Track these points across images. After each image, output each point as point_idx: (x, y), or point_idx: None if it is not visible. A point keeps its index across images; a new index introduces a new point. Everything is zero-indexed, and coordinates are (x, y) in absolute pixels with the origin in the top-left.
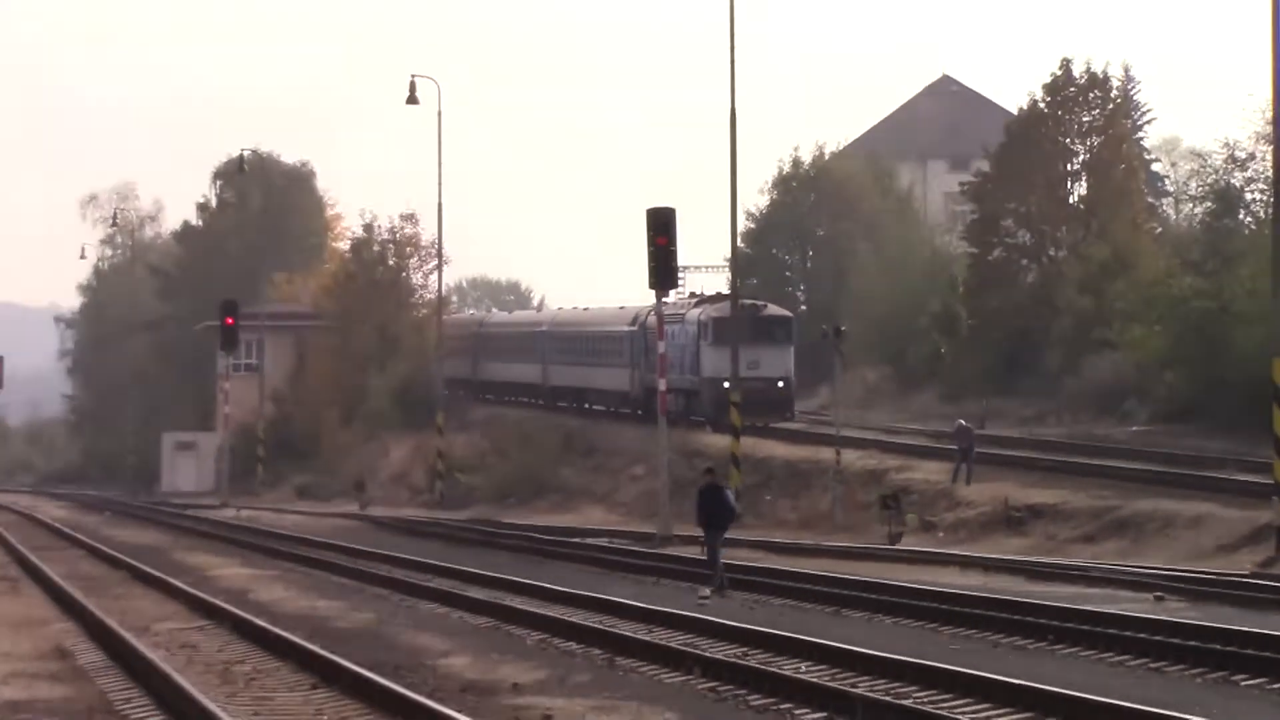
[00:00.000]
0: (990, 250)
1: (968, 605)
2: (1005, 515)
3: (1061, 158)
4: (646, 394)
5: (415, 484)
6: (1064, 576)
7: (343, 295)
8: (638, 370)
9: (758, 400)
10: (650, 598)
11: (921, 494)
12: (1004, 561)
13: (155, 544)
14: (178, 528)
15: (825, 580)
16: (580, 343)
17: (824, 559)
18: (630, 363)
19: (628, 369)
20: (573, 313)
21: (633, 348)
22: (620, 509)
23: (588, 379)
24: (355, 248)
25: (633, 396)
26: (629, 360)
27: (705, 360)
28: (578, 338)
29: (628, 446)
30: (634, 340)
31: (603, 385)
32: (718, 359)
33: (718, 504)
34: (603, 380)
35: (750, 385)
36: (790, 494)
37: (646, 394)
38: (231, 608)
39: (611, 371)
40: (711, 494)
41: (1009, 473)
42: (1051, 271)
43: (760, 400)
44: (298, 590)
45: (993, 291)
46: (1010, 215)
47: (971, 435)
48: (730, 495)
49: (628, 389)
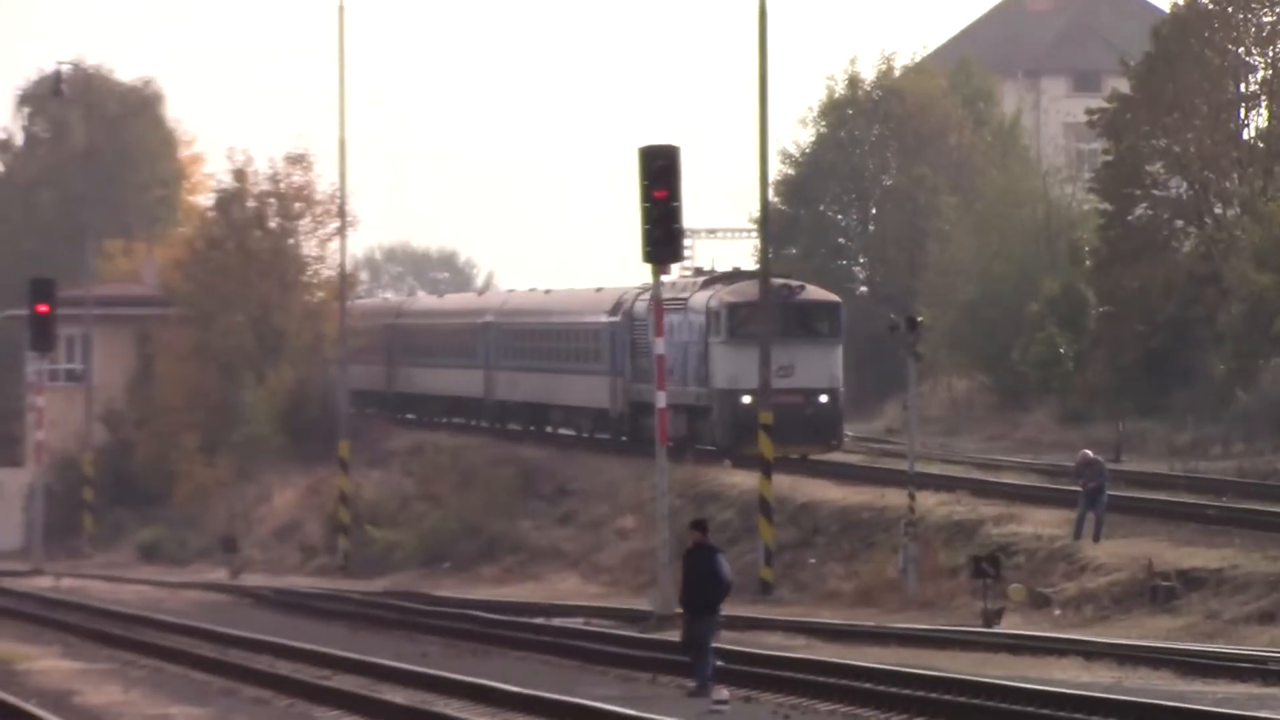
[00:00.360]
0: (1131, 207)
1: (1094, 713)
2: (1149, 585)
3: (1232, 75)
4: (634, 412)
5: (309, 541)
6: (1230, 671)
7: (204, 271)
8: (621, 378)
9: (792, 422)
10: (643, 703)
11: (1030, 555)
12: (1146, 650)
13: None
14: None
15: (892, 678)
16: (540, 339)
17: (891, 647)
18: (611, 368)
19: (607, 377)
20: (529, 296)
21: (614, 346)
22: (603, 576)
23: (551, 391)
24: (222, 203)
25: (614, 415)
26: (608, 364)
27: (717, 364)
28: (537, 333)
29: (612, 488)
30: (615, 335)
31: (572, 400)
32: (735, 363)
33: (708, 574)
34: (572, 393)
35: (782, 401)
36: (844, 555)
37: (634, 412)
38: (48, 717)
39: (583, 380)
40: (699, 560)
41: (1154, 525)
42: (1218, 238)
43: (795, 422)
44: (142, 692)
45: (1134, 266)
46: (1159, 157)
47: (1102, 472)
48: (724, 562)
49: (607, 405)
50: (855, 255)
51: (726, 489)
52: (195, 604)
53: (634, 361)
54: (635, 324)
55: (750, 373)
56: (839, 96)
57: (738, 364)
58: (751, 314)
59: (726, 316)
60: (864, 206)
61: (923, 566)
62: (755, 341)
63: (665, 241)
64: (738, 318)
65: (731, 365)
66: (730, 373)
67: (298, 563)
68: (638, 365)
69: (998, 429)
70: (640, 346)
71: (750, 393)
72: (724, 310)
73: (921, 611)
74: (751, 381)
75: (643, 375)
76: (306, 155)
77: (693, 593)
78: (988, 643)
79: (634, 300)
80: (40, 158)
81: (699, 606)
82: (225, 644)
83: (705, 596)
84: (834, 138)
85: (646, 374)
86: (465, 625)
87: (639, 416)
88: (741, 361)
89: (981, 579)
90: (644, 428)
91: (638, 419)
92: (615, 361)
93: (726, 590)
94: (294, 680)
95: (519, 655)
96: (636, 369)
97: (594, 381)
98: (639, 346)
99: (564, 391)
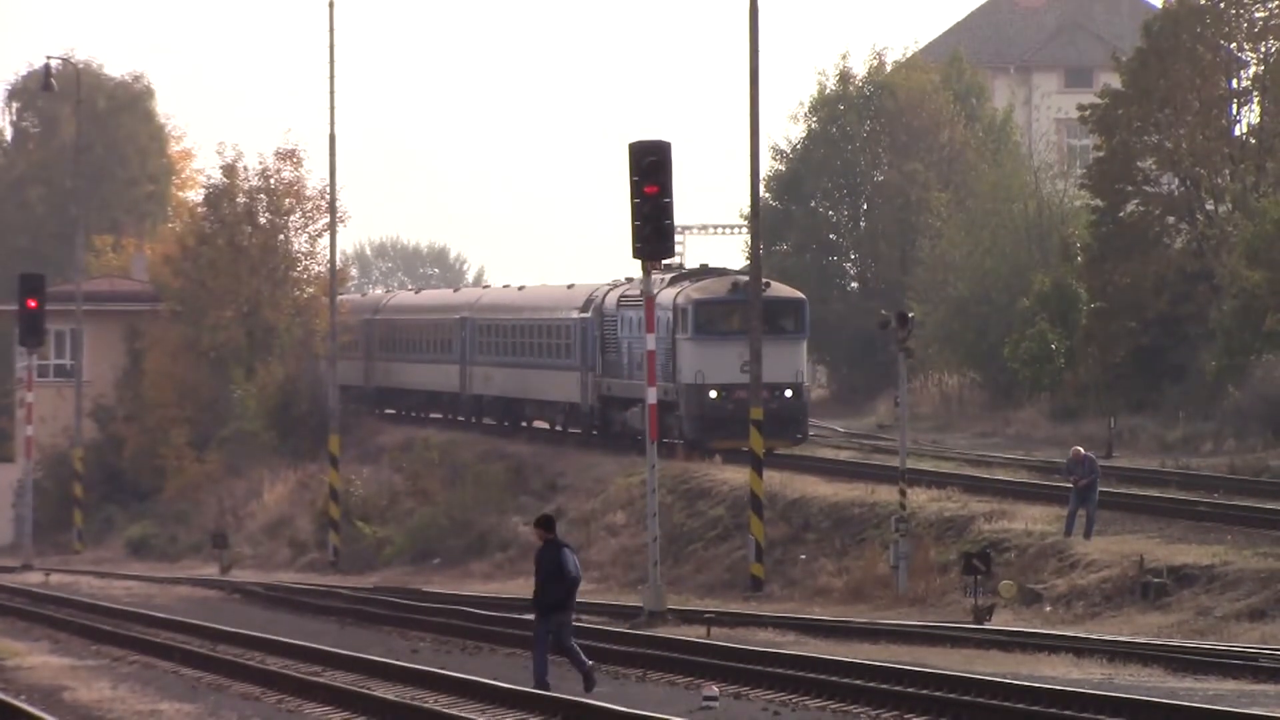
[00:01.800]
0: (1122, 203)
1: (1085, 709)
2: (1139, 581)
3: (1224, 71)
4: (603, 406)
5: (299, 537)
6: (1220, 667)
7: (194, 267)
8: (591, 373)
9: None
10: (633, 699)
11: (1021, 551)
12: (1137, 647)
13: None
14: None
15: (882, 674)
16: (514, 335)
17: (882, 643)
18: (581, 363)
19: (577, 372)
20: (504, 293)
21: (584, 342)
22: (593, 572)
23: (524, 386)
24: (212, 199)
25: (585, 410)
26: (579, 359)
27: (684, 359)
28: (511, 328)
29: (601, 484)
30: (586, 331)
31: (544, 395)
32: (701, 358)
33: (557, 571)
34: (544, 387)
35: (744, 395)
36: (835, 551)
37: (603, 406)
38: (38, 713)
39: (555, 375)
40: (548, 557)
41: (1145, 522)
42: (1209, 234)
43: None
44: (131, 688)
45: (1125, 263)
46: (1151, 153)
47: (1093, 468)
48: (571, 557)
49: (578, 399)
50: (846, 251)
51: (717, 485)
52: (185, 600)
53: (604, 357)
54: (605, 320)
55: (715, 368)
56: (830, 92)
57: (703, 359)
58: (716, 310)
59: (692, 313)
60: (855, 202)
61: (914, 563)
62: (720, 337)
63: (656, 238)
64: (703, 314)
65: (697, 360)
66: (696, 368)
67: (288, 558)
68: (607, 360)
69: (989, 425)
70: (609, 342)
71: (716, 387)
72: (690, 307)
73: (912, 608)
74: (717, 376)
75: (612, 370)
76: (297, 151)
77: (544, 591)
78: (978, 639)
79: (604, 297)
80: (29, 153)
81: (550, 604)
82: (215, 640)
83: (556, 594)
84: (825, 133)
85: (616, 368)
86: (455, 621)
87: (608, 410)
88: (707, 357)
89: (972, 575)
90: (613, 421)
91: (607, 412)
92: (586, 357)
93: (574, 585)
94: (284, 676)
95: (509, 651)
96: (606, 364)
97: (566, 376)
98: (608, 342)
99: (537, 386)
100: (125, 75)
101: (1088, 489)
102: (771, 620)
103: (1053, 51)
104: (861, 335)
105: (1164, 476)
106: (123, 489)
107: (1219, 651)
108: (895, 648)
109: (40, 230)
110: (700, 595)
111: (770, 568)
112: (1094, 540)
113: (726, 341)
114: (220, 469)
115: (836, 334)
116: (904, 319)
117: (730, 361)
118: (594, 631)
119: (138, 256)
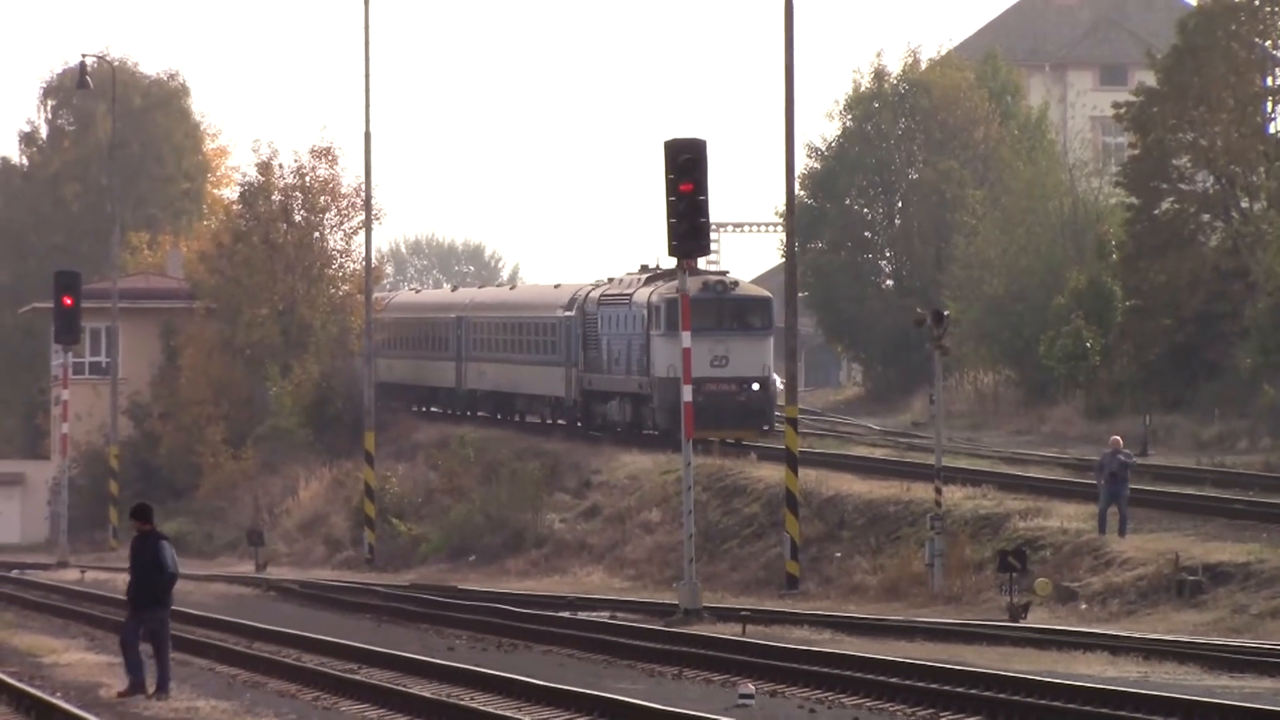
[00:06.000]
0: (1157, 201)
1: (1121, 707)
2: (1174, 579)
3: (1260, 68)
4: (585, 399)
5: (334, 535)
6: (1257, 665)
7: (229, 265)
8: (575, 369)
9: (726, 407)
10: (669, 697)
11: (1056, 549)
12: (1172, 645)
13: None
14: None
15: (918, 671)
16: (505, 333)
17: (918, 641)
18: (566, 359)
19: (561, 367)
20: (496, 292)
21: (569, 339)
22: (628, 570)
23: (515, 381)
24: (247, 196)
25: (569, 403)
26: (564, 355)
27: (658, 354)
28: (500, 325)
29: (638, 481)
30: (570, 329)
31: (531, 389)
32: (674, 353)
33: (152, 565)
34: (532, 382)
35: (717, 388)
36: (869, 549)
37: (585, 399)
38: (76, 710)
39: (542, 371)
40: (144, 550)
41: (1180, 519)
42: (1245, 232)
43: (729, 407)
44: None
45: (1160, 260)
46: (1186, 151)
47: (1127, 466)
48: (169, 549)
49: (563, 393)
50: (881, 249)
51: (753, 482)
52: (221, 597)
53: (586, 353)
54: (587, 318)
55: None
56: (865, 90)
57: (675, 354)
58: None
59: (664, 311)
60: (890, 200)
61: (949, 560)
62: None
63: (691, 235)
64: (675, 312)
65: (670, 356)
66: (669, 363)
67: (323, 556)
68: (589, 356)
69: (1024, 423)
70: (591, 339)
71: None
72: (662, 305)
73: (948, 605)
74: None
75: (593, 365)
76: (332, 148)
77: (139, 585)
78: (1014, 637)
79: (587, 296)
80: (65, 151)
81: (145, 599)
82: (251, 637)
83: (152, 588)
84: (860, 131)
85: (597, 364)
86: (492, 619)
87: (590, 403)
88: (679, 352)
89: (1008, 573)
90: (594, 414)
91: (589, 405)
92: (569, 353)
93: (172, 580)
94: (320, 673)
95: (545, 649)
96: (588, 360)
97: (552, 372)
98: (590, 339)
99: (525, 381)
100: (160, 73)
101: (1114, 482)
102: (807, 618)
103: (1088, 49)
104: (896, 333)
105: (1199, 474)
106: (158, 486)
107: (1255, 649)
108: (931, 645)
109: (76, 228)
110: (735, 593)
111: (805, 565)
112: (1129, 538)
113: (697, 337)
114: (256, 466)
115: (871, 332)
116: (939, 317)
117: (700, 356)
118: (630, 629)
119: (173, 254)
